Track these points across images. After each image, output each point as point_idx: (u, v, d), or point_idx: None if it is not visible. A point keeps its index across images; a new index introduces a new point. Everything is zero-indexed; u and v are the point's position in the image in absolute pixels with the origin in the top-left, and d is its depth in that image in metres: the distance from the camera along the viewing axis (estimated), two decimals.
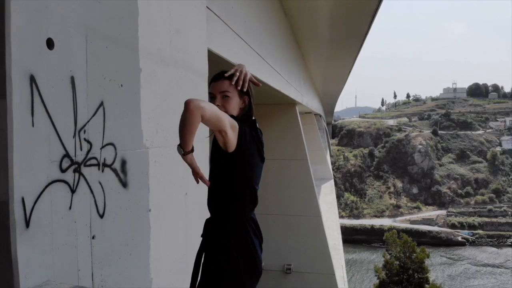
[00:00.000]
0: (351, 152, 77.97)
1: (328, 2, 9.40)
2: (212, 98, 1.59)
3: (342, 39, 13.64)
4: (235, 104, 1.60)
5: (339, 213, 75.21)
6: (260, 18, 6.57)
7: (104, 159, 1.52)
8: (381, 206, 68.89)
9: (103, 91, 1.51)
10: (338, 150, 79.17)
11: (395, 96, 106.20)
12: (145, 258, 1.69)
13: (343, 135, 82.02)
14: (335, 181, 73.53)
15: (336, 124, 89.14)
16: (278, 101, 13.79)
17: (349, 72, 24.53)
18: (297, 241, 12.69)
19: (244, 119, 1.61)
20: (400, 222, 62.34)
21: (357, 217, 67.44)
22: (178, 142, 1.42)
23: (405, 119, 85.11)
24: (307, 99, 18.36)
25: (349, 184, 73.51)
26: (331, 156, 75.14)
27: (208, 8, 3.21)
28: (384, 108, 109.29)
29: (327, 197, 29.88)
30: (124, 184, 1.60)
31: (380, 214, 66.92)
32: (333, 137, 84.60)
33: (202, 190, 2.44)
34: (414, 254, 31.78)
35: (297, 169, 14.23)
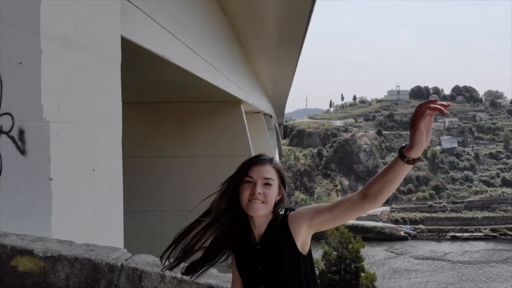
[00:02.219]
0: (301, 152, 79.55)
1: (266, 2, 9.71)
2: (247, 183, 1.35)
3: (283, 40, 14.04)
4: (274, 195, 1.37)
5: None
6: (195, 15, 6.74)
7: (1, 126, 1.68)
8: (329, 203, 70.55)
9: (1, 67, 1.67)
10: (289, 150, 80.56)
11: (342, 98, 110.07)
12: (47, 222, 1.86)
13: (294, 136, 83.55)
14: (286, 180, 74.99)
15: (287, 125, 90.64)
16: (221, 98, 13.95)
17: (293, 73, 25.16)
18: None
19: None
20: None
21: None
22: (83, 118, 1.59)
23: (351, 120, 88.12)
24: (253, 98, 18.64)
25: (299, 182, 74.95)
26: (282, 156, 76.43)
27: (129, 1, 3.39)
28: (332, 109, 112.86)
29: None
30: (23, 152, 1.76)
31: None
32: (284, 138, 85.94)
33: (111, 168, 2.62)
34: (351, 245, 33.34)
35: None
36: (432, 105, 1.26)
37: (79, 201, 2.16)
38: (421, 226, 63.21)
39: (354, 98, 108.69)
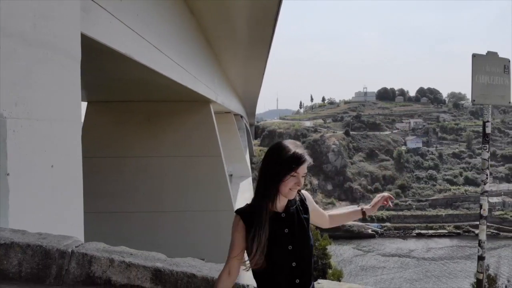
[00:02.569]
0: None
1: (234, 3, 9.77)
2: (293, 176, 1.60)
3: (252, 41, 14.12)
4: None
5: None
6: (161, 14, 6.72)
7: None
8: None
9: None
10: (260, 150, 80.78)
11: (312, 100, 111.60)
12: (4, 217, 1.87)
13: (265, 136, 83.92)
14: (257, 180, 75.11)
15: (258, 125, 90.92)
16: (190, 98, 13.86)
17: (263, 74, 25.32)
18: (212, 235, 12.84)
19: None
20: None
21: None
22: (41, 114, 1.62)
23: (320, 121, 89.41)
24: (222, 98, 18.63)
25: None
26: (253, 155, 76.61)
27: None
28: (302, 110, 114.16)
29: (245, 194, 30.42)
30: None
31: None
32: (255, 138, 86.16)
33: (70, 165, 2.64)
34: (318, 242, 33.91)
35: (211, 165, 14.35)
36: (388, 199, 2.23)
37: (37, 197, 2.17)
38: (388, 224, 64.61)
39: (323, 99, 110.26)
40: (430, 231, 63.53)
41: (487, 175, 2.82)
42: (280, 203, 1.67)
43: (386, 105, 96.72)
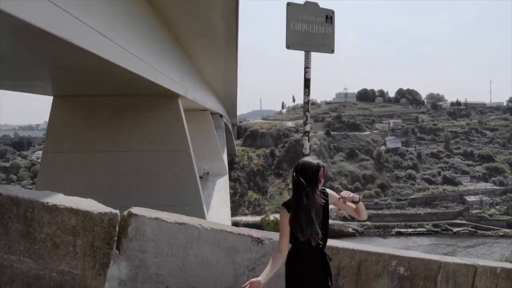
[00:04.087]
0: (254, 152, 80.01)
1: None
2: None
3: (219, 36, 14.19)
4: None
5: (243, 210, 76.45)
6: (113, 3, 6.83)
7: None
8: (281, 202, 71.21)
9: None
10: (242, 150, 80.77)
11: (294, 100, 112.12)
12: None
13: (247, 136, 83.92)
14: (239, 180, 75.17)
15: (241, 126, 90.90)
16: (155, 92, 13.86)
17: (236, 70, 25.40)
18: None
19: None
20: None
21: (259, 213, 69.23)
22: None
23: (302, 121, 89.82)
24: (194, 93, 18.62)
25: (253, 182, 75.33)
26: (235, 155, 76.57)
27: None
28: (284, 111, 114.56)
29: (221, 192, 30.47)
30: None
31: (280, 209, 69.49)
32: (238, 138, 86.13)
33: None
34: None
35: (179, 160, 14.40)
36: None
37: None
38: (368, 223, 65.26)
39: None
40: (409, 230, 64.43)
41: (307, 117, 3.09)
42: None
43: (366, 106, 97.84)
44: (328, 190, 2.63)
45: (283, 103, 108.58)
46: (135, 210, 2.26)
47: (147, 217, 2.27)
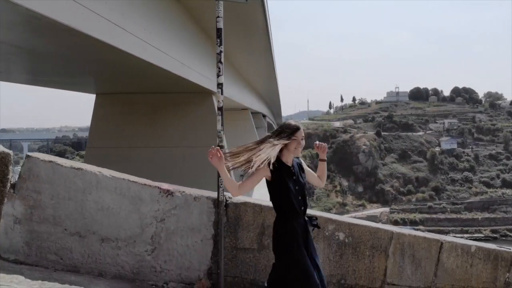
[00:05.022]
0: (301, 153, 79.42)
1: None
2: (294, 140, 2.59)
3: (248, 30, 14.32)
4: None
5: None
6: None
7: None
8: (328, 204, 70.55)
9: None
10: None
11: (342, 100, 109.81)
12: None
13: None
14: None
15: None
16: (190, 89, 14.31)
17: (273, 67, 25.41)
18: None
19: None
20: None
21: None
22: None
23: (350, 121, 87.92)
24: (230, 91, 18.85)
25: None
26: None
27: None
28: (332, 111, 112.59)
29: (261, 190, 30.72)
30: None
31: (327, 211, 68.54)
32: None
33: None
34: None
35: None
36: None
37: None
38: (421, 227, 62.67)
39: (354, 99, 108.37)
40: (466, 235, 61.06)
41: (219, 68, 3.00)
42: (288, 160, 2.61)
43: (419, 105, 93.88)
44: (302, 163, 2.80)
45: (330, 103, 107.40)
46: (31, 153, 2.34)
47: (40, 159, 2.35)
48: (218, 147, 2.60)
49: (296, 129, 2.63)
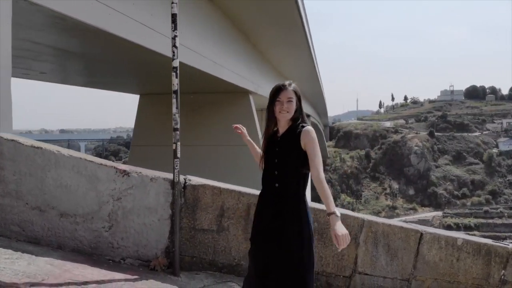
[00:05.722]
0: (347, 154, 78.04)
1: None
2: (278, 101, 2.18)
3: (283, 26, 14.40)
4: (294, 107, 2.19)
5: None
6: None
7: None
8: (377, 207, 68.80)
9: None
10: (335, 152, 79.36)
11: (393, 99, 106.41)
12: None
13: (340, 137, 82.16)
14: (331, 182, 73.93)
15: (333, 126, 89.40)
16: (227, 89, 14.69)
17: (314, 67, 25.18)
18: None
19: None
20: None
21: None
22: None
23: (401, 121, 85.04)
24: (267, 90, 18.93)
25: (345, 185, 73.51)
26: (327, 157, 75.49)
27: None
28: (382, 110, 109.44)
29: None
30: None
31: (376, 215, 66.87)
32: (330, 139, 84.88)
33: None
34: None
35: (249, 155, 15.30)
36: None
37: None
38: (476, 233, 59.49)
39: (405, 98, 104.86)
40: None
41: (174, 52, 3.00)
42: (281, 130, 2.24)
43: (475, 104, 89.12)
44: (306, 129, 2.18)
45: (380, 102, 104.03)
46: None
47: (4, 138, 2.56)
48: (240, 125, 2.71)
49: (276, 89, 2.22)
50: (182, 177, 2.97)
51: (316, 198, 3.63)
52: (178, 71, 2.80)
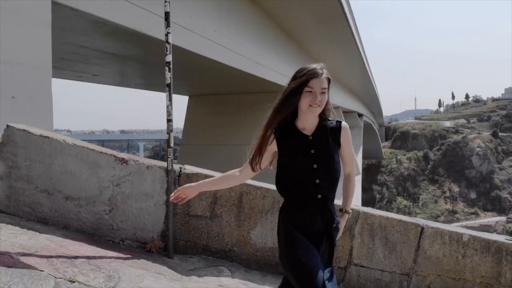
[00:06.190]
0: (404, 155, 75.42)
1: None
2: (308, 92, 1.70)
3: (324, 20, 14.42)
4: (326, 99, 1.74)
5: None
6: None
7: None
8: (436, 211, 65.96)
9: None
10: (390, 153, 76.96)
11: (453, 97, 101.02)
12: None
13: (397, 138, 79.56)
14: (386, 184, 71.72)
15: (389, 126, 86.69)
16: (273, 89, 15.02)
17: (364, 65, 24.71)
18: None
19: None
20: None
21: None
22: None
23: (463, 121, 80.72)
24: None
25: (401, 188, 71.06)
26: (382, 158, 73.36)
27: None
28: (442, 109, 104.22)
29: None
30: None
31: (434, 219, 64.04)
32: (386, 139, 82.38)
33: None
34: None
35: None
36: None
37: None
38: None
39: (467, 97, 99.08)
40: None
41: (166, 48, 3.11)
42: (308, 126, 1.79)
43: None
44: (343, 124, 1.85)
45: (440, 100, 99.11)
46: (10, 123, 2.90)
47: (16, 128, 2.88)
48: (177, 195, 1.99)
49: (308, 75, 1.71)
50: (178, 166, 3.16)
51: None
52: (171, 66, 2.98)
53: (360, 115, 42.41)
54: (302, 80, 1.70)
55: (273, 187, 3.22)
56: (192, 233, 3.12)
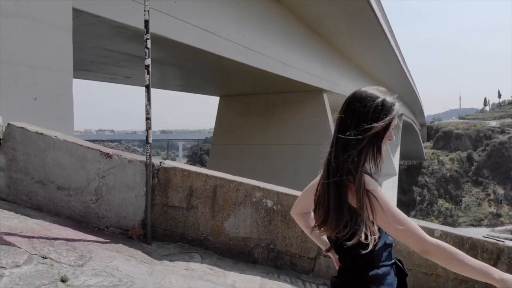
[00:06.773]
0: (447, 155, 72.93)
1: None
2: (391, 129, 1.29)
3: (354, 19, 14.41)
4: None
5: (432, 220, 70.75)
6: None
7: None
8: (479, 214, 63.41)
9: None
10: (432, 153, 74.61)
11: (499, 96, 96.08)
12: None
13: (439, 138, 77.03)
14: (427, 186, 69.58)
15: (431, 126, 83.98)
16: (301, 88, 15.17)
17: (399, 61, 24.22)
18: None
19: None
20: (499, 232, 56.71)
21: (451, 225, 62.69)
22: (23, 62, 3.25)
23: (509, 120, 76.82)
24: (344, 88, 18.84)
25: (443, 190, 68.77)
26: (423, 159, 71.24)
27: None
28: (487, 108, 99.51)
29: (387, 193, 29.93)
30: None
31: (477, 223, 61.62)
32: (428, 140, 79.96)
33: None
34: None
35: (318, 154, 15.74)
36: None
37: None
38: None
39: None
40: None
41: (145, 52, 3.33)
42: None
43: None
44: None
45: (485, 99, 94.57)
46: (11, 122, 3.30)
47: (15, 126, 3.28)
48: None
49: (396, 112, 1.31)
50: (158, 161, 3.46)
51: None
52: (150, 69, 3.27)
53: (400, 114, 41.57)
54: (392, 114, 1.32)
55: (245, 180, 3.45)
56: (170, 222, 3.41)
